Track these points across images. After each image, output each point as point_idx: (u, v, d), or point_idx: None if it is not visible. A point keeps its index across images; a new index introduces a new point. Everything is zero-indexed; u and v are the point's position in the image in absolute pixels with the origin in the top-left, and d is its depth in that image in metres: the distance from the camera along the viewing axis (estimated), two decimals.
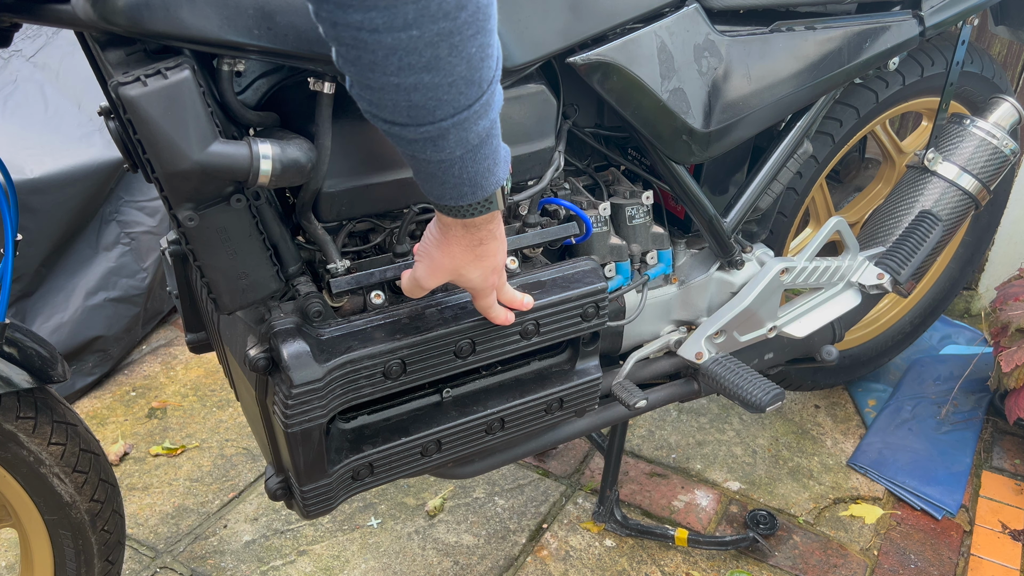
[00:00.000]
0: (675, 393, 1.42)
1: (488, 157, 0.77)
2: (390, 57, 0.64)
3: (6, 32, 0.88)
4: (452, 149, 0.73)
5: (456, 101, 0.69)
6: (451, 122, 0.70)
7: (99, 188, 2.10)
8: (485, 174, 0.78)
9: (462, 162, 0.75)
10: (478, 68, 0.69)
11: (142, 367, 2.23)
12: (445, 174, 0.76)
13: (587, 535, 1.67)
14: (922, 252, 1.50)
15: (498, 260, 0.90)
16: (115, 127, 0.96)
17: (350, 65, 0.67)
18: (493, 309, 0.98)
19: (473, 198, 0.79)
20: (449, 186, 0.77)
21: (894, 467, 1.81)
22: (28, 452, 1.08)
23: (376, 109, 0.70)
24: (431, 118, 0.70)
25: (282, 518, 1.72)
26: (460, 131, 0.72)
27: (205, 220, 0.85)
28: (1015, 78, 2.12)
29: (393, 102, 0.68)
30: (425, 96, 0.68)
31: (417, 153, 0.74)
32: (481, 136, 0.74)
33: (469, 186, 0.78)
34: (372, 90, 0.68)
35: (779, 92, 1.26)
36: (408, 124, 0.70)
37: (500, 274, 0.94)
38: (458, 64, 0.67)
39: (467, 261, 0.88)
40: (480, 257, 0.88)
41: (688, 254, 1.42)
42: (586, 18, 1.05)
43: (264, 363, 0.94)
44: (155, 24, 0.78)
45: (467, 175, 0.76)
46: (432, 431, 1.09)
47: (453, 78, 0.67)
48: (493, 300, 0.97)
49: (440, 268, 0.89)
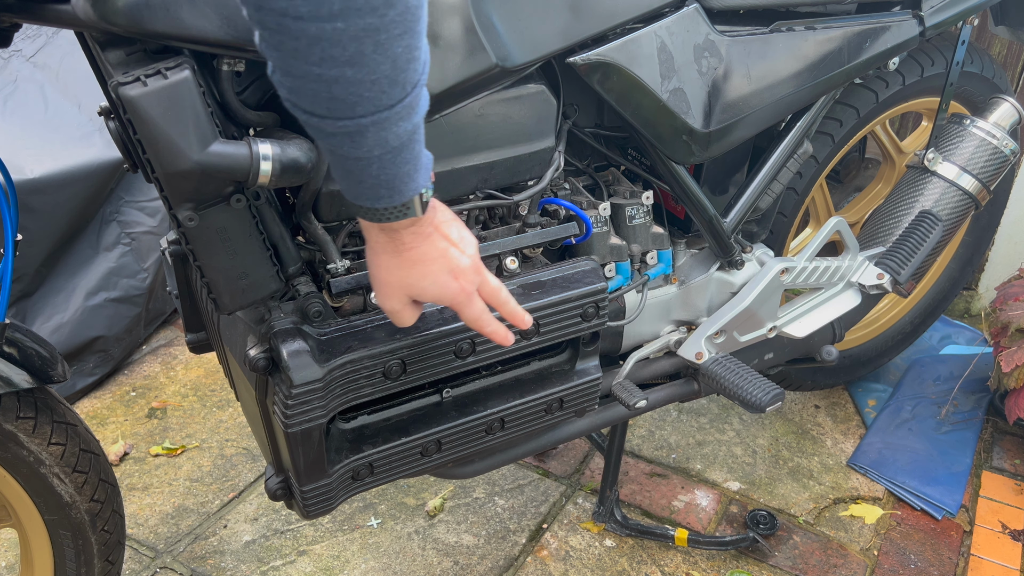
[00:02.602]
0: (675, 393, 1.42)
1: (408, 162, 0.75)
2: (313, 47, 0.63)
3: (6, 32, 0.88)
4: (370, 148, 0.72)
5: (378, 99, 0.68)
6: (370, 120, 0.69)
7: (99, 188, 2.10)
8: (404, 179, 0.76)
9: (380, 163, 0.73)
10: (403, 69, 0.68)
11: (142, 367, 2.23)
12: (362, 173, 0.74)
13: (587, 535, 1.67)
14: (922, 252, 1.50)
15: (453, 261, 0.84)
16: (115, 127, 0.96)
17: (272, 50, 0.65)
18: (482, 322, 0.89)
19: (389, 201, 0.77)
20: (366, 186, 0.76)
21: (894, 467, 1.81)
22: (28, 452, 1.08)
23: (296, 97, 0.69)
24: (351, 113, 0.68)
25: (282, 518, 1.72)
26: (379, 130, 0.70)
27: (205, 220, 0.85)
28: (1015, 78, 2.12)
29: (313, 92, 0.67)
30: (346, 90, 0.66)
31: (335, 148, 0.72)
32: (402, 139, 0.72)
33: (386, 189, 0.76)
34: (293, 77, 0.67)
35: (779, 92, 1.26)
36: (327, 117, 0.69)
37: (470, 278, 0.86)
38: (382, 63, 0.66)
39: (404, 269, 0.83)
40: (417, 262, 0.83)
41: (688, 254, 1.42)
42: (586, 18, 1.05)
43: (264, 363, 0.94)
44: (155, 24, 0.78)
45: (384, 177, 0.75)
46: (432, 431, 1.09)
47: (376, 76, 0.66)
48: (477, 312, 0.88)
49: (384, 285, 0.85)
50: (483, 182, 1.07)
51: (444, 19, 0.94)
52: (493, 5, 0.98)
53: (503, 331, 0.91)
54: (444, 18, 0.94)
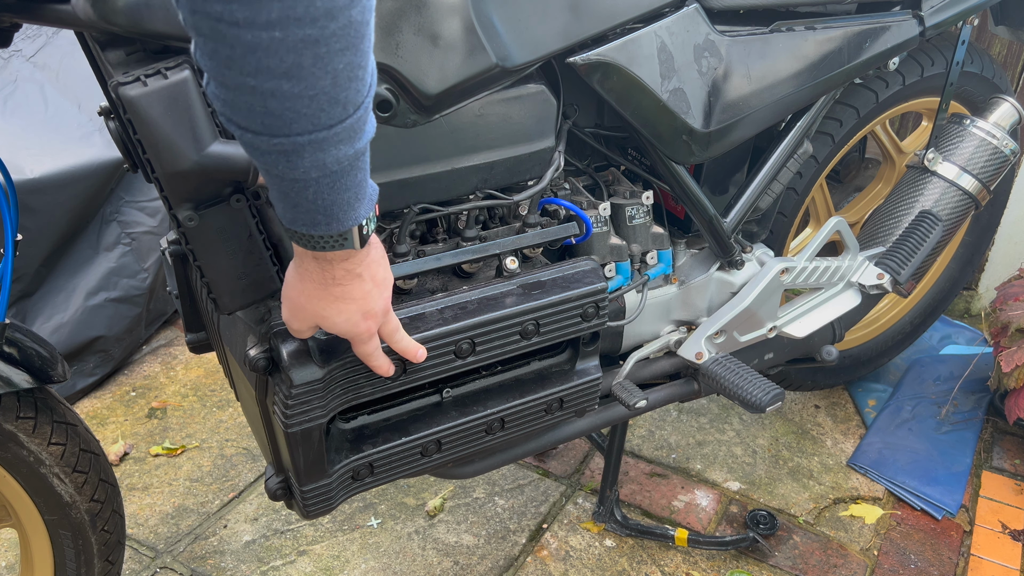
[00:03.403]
0: (675, 393, 1.42)
1: (349, 189, 0.71)
2: (248, 56, 0.60)
3: (6, 32, 0.88)
4: (307, 169, 0.68)
5: (316, 117, 0.64)
6: (308, 139, 0.65)
7: (99, 188, 2.10)
8: (343, 207, 0.72)
9: (317, 186, 0.69)
10: (344, 88, 0.64)
11: (142, 367, 2.23)
12: (298, 196, 0.70)
13: (587, 535, 1.67)
14: (922, 252, 1.50)
15: (371, 304, 0.83)
16: (115, 127, 0.96)
17: (206, 58, 0.62)
18: (371, 357, 0.90)
19: (327, 229, 0.73)
20: (301, 210, 0.72)
21: (894, 467, 1.81)
22: (28, 452, 1.08)
23: (230, 111, 0.65)
24: (286, 131, 0.65)
25: (282, 518, 1.72)
26: (317, 152, 0.67)
27: (205, 220, 0.85)
28: (1015, 78, 2.12)
29: (248, 106, 0.63)
30: (282, 105, 0.63)
31: (270, 168, 0.69)
32: (342, 164, 0.69)
33: (323, 215, 0.72)
34: (227, 89, 0.63)
35: (779, 92, 1.26)
36: (261, 133, 0.65)
37: (378, 320, 0.86)
38: (322, 78, 0.62)
39: (324, 302, 0.81)
40: (339, 299, 0.81)
41: (688, 254, 1.42)
42: (586, 18, 1.05)
43: (264, 363, 0.94)
44: (155, 24, 0.78)
45: (322, 203, 0.71)
46: (432, 431, 1.09)
47: (315, 92, 0.63)
48: (371, 349, 0.89)
49: (297, 308, 0.83)
50: (483, 182, 1.07)
51: (444, 19, 0.94)
52: (493, 5, 0.98)
53: (386, 364, 0.93)
54: (444, 18, 0.94)
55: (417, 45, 0.93)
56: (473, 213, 1.09)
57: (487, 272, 1.11)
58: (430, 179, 1.03)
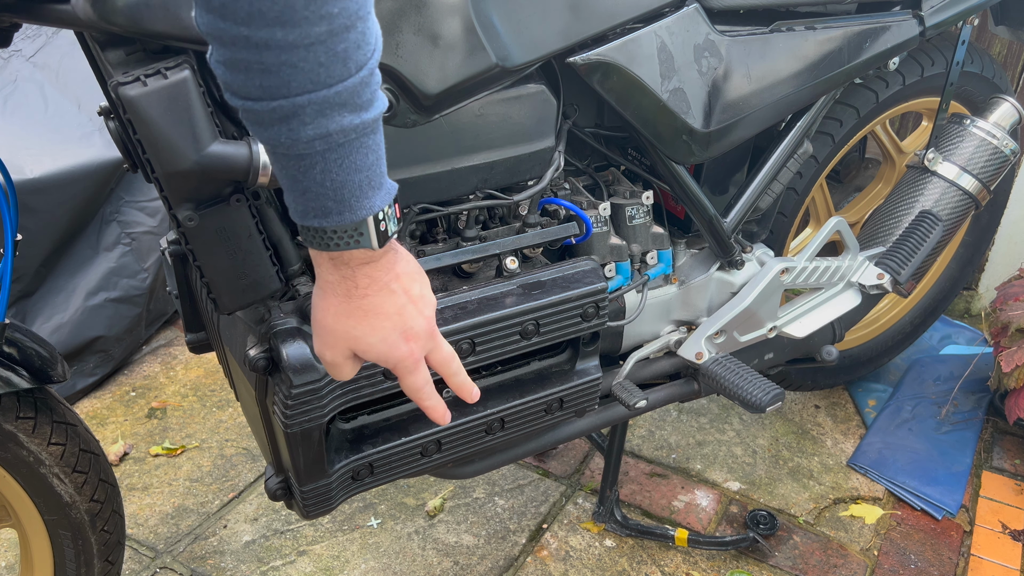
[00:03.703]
0: (675, 393, 1.42)
1: (360, 171, 0.66)
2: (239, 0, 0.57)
3: (6, 32, 0.88)
4: (311, 140, 0.63)
5: (315, 73, 0.60)
6: (307, 99, 0.61)
7: (99, 188, 2.10)
8: (355, 191, 0.66)
9: (324, 162, 0.64)
10: (342, 37, 0.60)
11: (142, 367, 2.23)
12: (306, 177, 0.65)
13: (587, 535, 1.67)
14: (922, 252, 1.50)
15: (409, 322, 0.73)
16: (115, 127, 0.96)
17: (203, 11, 0.59)
18: (423, 394, 0.77)
19: (339, 219, 0.67)
20: (311, 196, 0.66)
21: (894, 467, 1.81)
22: (28, 452, 1.08)
23: (230, 76, 0.61)
24: (285, 91, 0.60)
25: (282, 518, 1.72)
26: (319, 116, 0.62)
27: (205, 220, 0.85)
28: (1015, 78, 2.12)
29: (246, 64, 0.59)
30: (278, 58, 0.59)
31: (275, 145, 0.64)
32: (348, 135, 0.64)
33: (334, 200, 0.66)
34: (224, 47, 0.60)
35: (779, 92, 1.26)
36: (261, 98, 0.61)
37: (423, 344, 0.75)
38: (316, 23, 0.58)
39: (353, 319, 0.71)
40: (369, 313, 0.71)
41: (688, 254, 1.42)
42: (586, 18, 1.05)
43: (264, 363, 0.94)
44: (155, 24, 0.78)
45: (331, 183, 0.65)
46: (432, 431, 1.09)
47: (311, 40, 0.59)
48: (421, 381, 0.76)
49: (326, 332, 0.73)
50: (483, 182, 1.07)
51: (444, 19, 0.94)
52: (493, 5, 0.98)
53: (442, 409, 0.79)
54: (444, 18, 0.94)
55: (417, 45, 0.93)
56: (473, 213, 1.09)
57: (487, 272, 1.11)
58: (430, 179, 1.03)
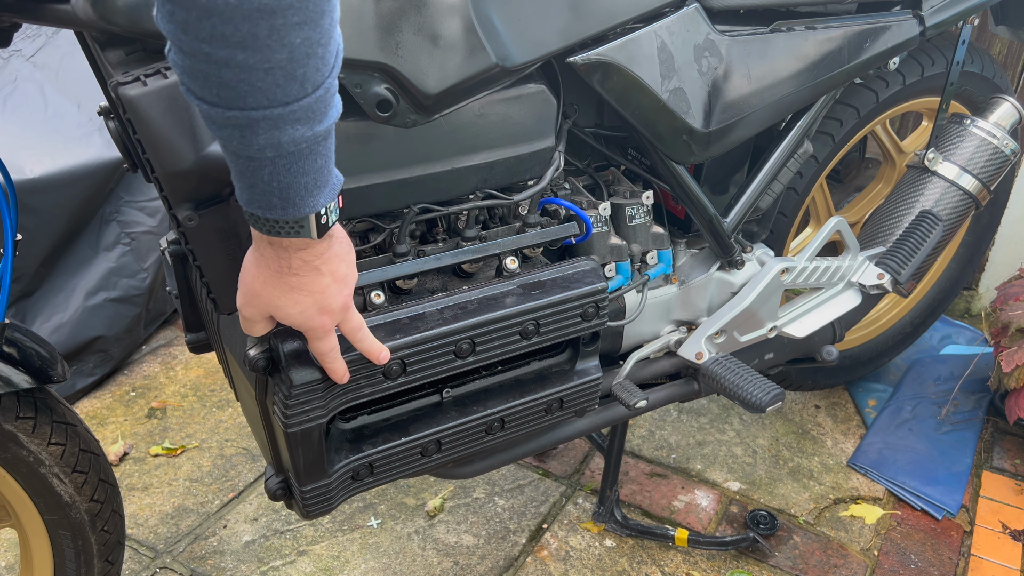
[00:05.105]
0: (675, 393, 1.42)
1: (307, 174, 0.70)
2: (203, 21, 0.59)
3: (6, 32, 0.88)
4: (262, 148, 0.66)
5: (271, 92, 0.63)
6: (262, 114, 0.64)
7: (99, 188, 2.10)
8: (301, 192, 0.70)
9: (273, 167, 0.68)
10: (302, 64, 0.63)
11: (142, 367, 2.23)
12: (254, 176, 0.69)
13: (587, 535, 1.67)
14: (922, 252, 1.50)
15: (328, 300, 0.80)
16: (115, 127, 0.96)
17: (164, 20, 0.61)
18: (328, 357, 0.88)
19: (282, 214, 0.72)
20: (257, 191, 0.71)
21: (894, 467, 1.81)
22: (28, 452, 1.08)
23: (188, 79, 0.64)
24: (240, 104, 0.64)
25: (282, 518, 1.72)
26: (272, 129, 0.65)
27: (205, 220, 0.85)
28: (1015, 78, 2.12)
29: (204, 74, 0.62)
30: (237, 76, 0.62)
31: (226, 143, 0.68)
32: (299, 145, 0.67)
33: (279, 198, 0.71)
34: (184, 55, 0.62)
35: (779, 92, 1.26)
36: (217, 104, 0.64)
37: (336, 316, 0.83)
38: (278, 51, 0.61)
39: (279, 291, 0.78)
40: (295, 289, 0.78)
41: (688, 254, 1.42)
42: (586, 18, 1.05)
43: (264, 363, 0.94)
44: (155, 24, 0.77)
45: (278, 184, 0.69)
46: (432, 431, 1.09)
47: (271, 65, 0.62)
48: (327, 347, 0.86)
49: (251, 294, 0.80)
50: (483, 182, 1.07)
51: (444, 19, 0.94)
52: (493, 5, 0.98)
53: (342, 371, 0.90)
54: (444, 18, 0.94)
55: (417, 45, 0.93)
56: (473, 213, 1.09)
57: (487, 272, 1.11)
58: (430, 179, 1.03)
